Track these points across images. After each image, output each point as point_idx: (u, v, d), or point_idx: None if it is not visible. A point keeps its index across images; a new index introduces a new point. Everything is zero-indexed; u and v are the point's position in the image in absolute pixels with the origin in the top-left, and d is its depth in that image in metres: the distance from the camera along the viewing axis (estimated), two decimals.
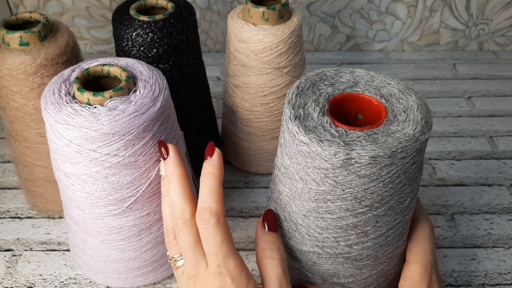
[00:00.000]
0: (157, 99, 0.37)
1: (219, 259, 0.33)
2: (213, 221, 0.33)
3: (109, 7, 0.79)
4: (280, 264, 0.34)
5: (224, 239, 0.33)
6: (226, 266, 0.32)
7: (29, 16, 0.46)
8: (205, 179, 0.35)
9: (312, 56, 0.83)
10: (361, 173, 0.30)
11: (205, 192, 0.34)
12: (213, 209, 0.33)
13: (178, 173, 0.36)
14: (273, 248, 0.34)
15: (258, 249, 0.35)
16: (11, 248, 0.51)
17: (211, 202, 0.33)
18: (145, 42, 0.46)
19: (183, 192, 0.35)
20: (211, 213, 0.33)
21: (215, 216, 0.33)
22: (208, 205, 0.33)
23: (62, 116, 0.35)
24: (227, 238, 0.33)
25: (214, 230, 0.33)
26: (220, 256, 0.33)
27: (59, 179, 0.40)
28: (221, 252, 0.33)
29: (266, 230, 0.35)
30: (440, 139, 0.65)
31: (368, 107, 0.35)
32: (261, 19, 0.49)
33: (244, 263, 0.34)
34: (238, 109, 0.55)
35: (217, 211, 0.33)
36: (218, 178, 0.35)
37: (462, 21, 0.81)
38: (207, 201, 0.33)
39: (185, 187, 0.36)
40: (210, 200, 0.33)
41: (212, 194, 0.34)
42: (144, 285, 0.47)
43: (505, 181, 0.59)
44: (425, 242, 0.38)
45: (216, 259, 0.33)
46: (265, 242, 0.35)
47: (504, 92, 0.74)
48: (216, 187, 0.34)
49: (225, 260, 0.33)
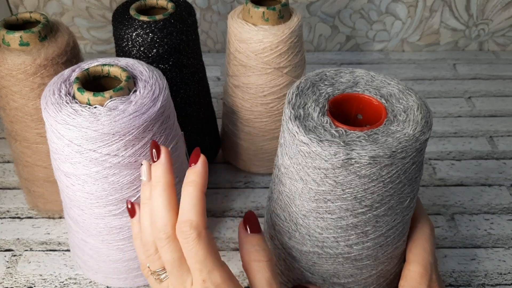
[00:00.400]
0: (157, 99, 0.37)
1: (204, 274, 0.31)
2: (194, 235, 0.30)
3: (109, 7, 0.79)
4: (268, 266, 0.33)
5: (207, 253, 0.31)
6: (212, 281, 0.31)
7: (29, 16, 0.46)
8: (187, 188, 0.32)
9: (312, 56, 0.83)
10: (361, 173, 0.30)
11: (186, 203, 0.31)
12: (194, 221, 0.31)
13: (165, 180, 0.33)
14: (258, 250, 0.33)
15: (243, 252, 0.33)
16: (11, 248, 0.51)
17: (191, 214, 0.31)
18: (145, 42, 0.46)
19: (168, 202, 0.32)
20: (191, 227, 0.30)
21: (196, 229, 0.31)
22: (189, 218, 0.31)
23: (62, 116, 0.35)
24: (211, 251, 0.31)
25: (196, 245, 0.30)
26: (205, 271, 0.31)
27: (59, 179, 0.40)
28: (205, 267, 0.31)
29: (249, 232, 0.34)
30: (440, 139, 0.65)
31: (368, 107, 0.35)
32: (261, 19, 0.49)
33: (231, 274, 0.32)
34: (238, 109, 0.55)
35: (197, 224, 0.31)
36: (200, 188, 0.32)
37: (462, 21, 0.81)
38: (188, 213, 0.31)
39: (171, 197, 0.33)
40: (190, 212, 0.31)
41: (193, 205, 0.31)
42: (144, 285, 0.47)
43: (505, 181, 0.59)
44: (425, 242, 0.38)
45: (200, 274, 0.31)
46: (250, 244, 0.33)
47: (504, 92, 0.74)
48: (198, 197, 0.31)
49: (210, 275, 0.31)
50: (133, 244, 0.42)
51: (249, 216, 0.35)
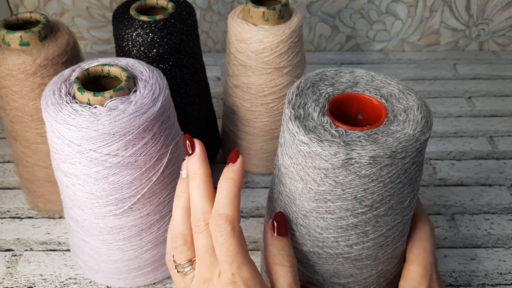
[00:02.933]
0: (157, 99, 0.37)
1: (234, 268, 0.31)
2: (228, 229, 0.31)
3: (109, 7, 0.79)
4: (291, 272, 0.33)
5: (239, 248, 0.31)
6: (240, 275, 0.31)
7: (29, 16, 0.46)
8: (224, 183, 0.33)
9: (312, 56, 0.83)
10: (361, 173, 0.30)
11: (222, 197, 0.32)
12: (229, 216, 0.31)
13: (202, 172, 0.34)
14: (283, 255, 0.33)
15: (268, 255, 0.33)
16: (11, 248, 0.51)
17: (228, 209, 0.31)
18: (145, 42, 0.46)
19: (207, 192, 0.33)
20: (227, 220, 0.31)
21: (230, 223, 0.31)
22: (224, 211, 0.31)
23: (62, 116, 0.35)
24: (242, 247, 0.31)
25: (229, 238, 0.31)
26: (235, 266, 0.31)
27: (59, 179, 0.40)
28: (235, 261, 0.31)
29: (276, 235, 0.34)
30: (440, 139, 0.65)
31: (368, 107, 0.35)
32: (261, 19, 0.49)
33: (258, 271, 0.32)
34: (238, 109, 0.55)
35: (233, 218, 0.31)
36: (237, 185, 0.33)
37: (462, 21, 0.81)
38: (224, 207, 0.32)
39: (209, 187, 0.34)
40: (226, 207, 0.32)
41: (230, 200, 0.32)
42: (144, 285, 0.47)
43: (505, 181, 0.59)
44: (425, 242, 0.38)
45: (230, 268, 0.31)
46: (275, 247, 0.33)
47: (504, 92, 0.74)
48: (235, 193, 0.32)
49: (239, 269, 0.31)
50: (133, 244, 0.42)
51: (279, 216, 0.35)
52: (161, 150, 0.39)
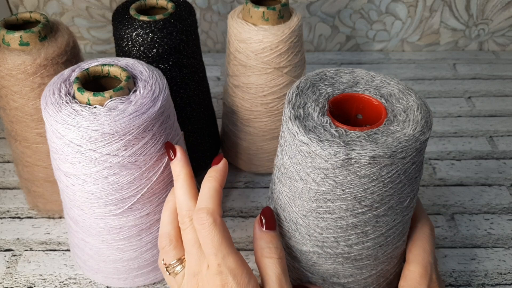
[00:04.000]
0: (157, 99, 0.37)
1: (219, 258, 0.32)
2: (210, 221, 0.33)
3: (109, 7, 0.79)
4: (279, 263, 0.34)
5: (222, 238, 0.33)
6: (226, 265, 0.32)
7: (29, 16, 0.46)
8: (206, 181, 0.35)
9: (312, 56, 0.83)
10: (361, 173, 0.30)
11: (204, 193, 0.35)
12: (210, 209, 0.33)
13: (184, 173, 0.37)
14: (271, 247, 0.34)
15: (256, 248, 0.35)
16: (11, 248, 0.51)
17: (209, 203, 0.34)
18: (145, 42, 0.46)
19: (189, 191, 0.36)
20: (208, 213, 0.33)
21: (211, 216, 0.33)
22: (205, 205, 0.34)
23: (62, 116, 0.35)
24: (225, 237, 0.33)
25: (212, 230, 0.33)
26: (220, 256, 0.32)
27: (59, 179, 0.40)
28: (220, 251, 0.32)
29: (264, 229, 0.35)
30: (440, 139, 0.65)
31: (368, 107, 0.35)
32: (261, 19, 0.49)
33: (244, 261, 0.34)
34: (238, 109, 0.55)
35: (213, 211, 0.33)
36: (219, 181, 0.35)
37: (462, 21, 0.81)
38: (205, 202, 0.34)
39: (191, 186, 0.36)
40: (207, 201, 0.34)
41: (211, 195, 0.34)
42: (144, 285, 0.47)
43: (505, 181, 0.59)
44: (425, 242, 0.38)
45: (216, 259, 0.33)
46: (263, 241, 0.35)
47: (504, 92, 0.74)
48: (216, 189, 0.35)
49: (224, 259, 0.32)
50: (133, 244, 0.42)
51: (266, 211, 0.36)
52: (161, 150, 0.39)
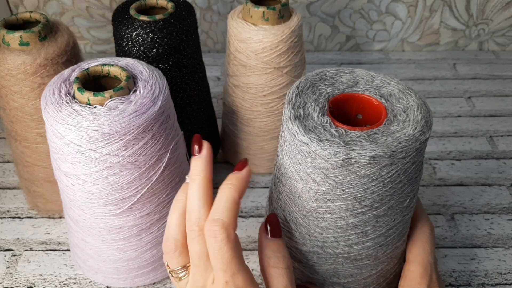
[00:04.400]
0: (157, 99, 0.37)
1: (228, 276, 0.30)
2: (224, 236, 0.30)
3: (109, 7, 0.79)
4: (286, 273, 0.32)
5: (233, 255, 0.30)
6: (235, 283, 0.30)
7: (29, 16, 0.46)
8: (225, 189, 0.31)
9: (312, 56, 0.83)
10: (361, 173, 0.30)
11: (221, 203, 0.31)
12: (225, 222, 0.30)
13: (203, 175, 0.32)
14: (278, 257, 0.32)
15: (262, 257, 0.33)
16: (11, 248, 0.51)
17: (225, 215, 0.30)
18: (145, 42, 0.46)
19: (204, 197, 0.32)
20: (222, 227, 0.30)
21: (226, 230, 0.30)
22: (221, 217, 0.30)
23: (62, 116, 0.35)
24: (237, 254, 0.31)
25: (224, 246, 0.30)
26: (229, 273, 0.30)
27: (59, 179, 0.40)
28: (229, 269, 0.30)
29: (270, 237, 0.33)
30: (440, 139, 0.65)
31: (368, 107, 0.35)
32: (261, 19, 0.49)
33: (253, 278, 0.32)
34: (238, 109, 0.55)
35: (228, 225, 0.30)
36: (239, 192, 0.31)
37: (462, 21, 0.81)
38: (221, 213, 0.30)
39: (208, 192, 0.32)
40: (224, 213, 0.30)
41: (228, 206, 0.31)
42: (144, 285, 0.47)
43: (505, 181, 0.59)
44: (425, 242, 0.38)
45: (224, 275, 0.30)
46: (270, 249, 0.33)
47: (504, 92, 0.74)
48: (234, 200, 0.31)
49: (233, 277, 0.30)
50: (133, 244, 0.42)
51: (271, 218, 0.34)
52: (161, 150, 0.39)
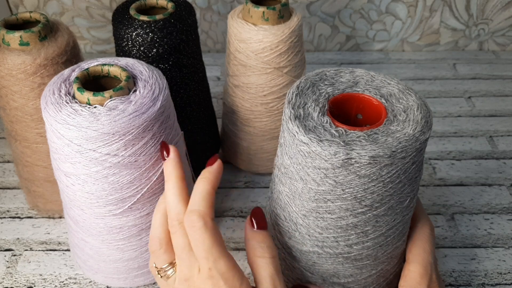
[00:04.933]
0: (157, 99, 0.37)
1: (210, 262, 0.32)
2: (201, 224, 0.32)
3: (109, 7, 0.79)
4: (272, 262, 0.34)
5: (213, 242, 0.32)
6: (217, 269, 0.32)
7: (29, 16, 0.46)
8: (199, 183, 0.34)
9: (312, 56, 0.83)
10: (361, 173, 0.30)
11: (196, 195, 0.34)
12: (201, 211, 0.32)
13: (176, 174, 0.35)
14: (263, 247, 0.34)
15: (248, 249, 0.34)
16: (11, 248, 0.51)
17: (201, 205, 0.33)
18: (145, 42, 0.46)
19: (180, 193, 0.35)
20: (199, 216, 0.32)
21: (202, 218, 0.32)
22: (197, 208, 0.33)
23: (62, 116, 0.35)
24: (217, 241, 0.32)
25: (203, 233, 0.32)
26: (211, 259, 0.32)
27: (59, 179, 0.40)
28: (211, 255, 0.32)
29: (255, 229, 0.35)
30: (440, 139, 0.65)
31: (368, 107, 0.35)
32: (261, 19, 0.49)
33: (236, 263, 0.33)
34: (238, 109, 0.55)
35: (205, 214, 0.32)
36: (212, 183, 0.34)
37: (462, 21, 0.81)
38: (196, 204, 0.33)
39: (182, 189, 0.35)
40: (199, 203, 0.33)
41: (203, 197, 0.33)
42: (144, 285, 0.47)
43: (505, 181, 0.59)
44: (425, 242, 0.38)
45: (207, 262, 0.32)
46: (255, 240, 0.34)
47: (504, 92, 0.74)
48: (208, 191, 0.34)
49: (215, 263, 0.32)
50: (133, 243, 0.42)
51: (256, 211, 0.36)
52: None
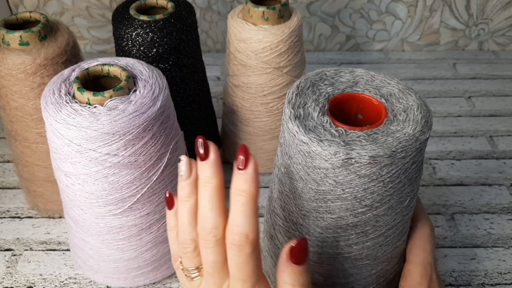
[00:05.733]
0: (157, 99, 0.37)
1: (246, 285, 0.30)
2: (249, 250, 0.29)
3: (109, 7, 0.79)
4: None
5: (255, 267, 0.30)
6: None
7: (29, 16, 0.46)
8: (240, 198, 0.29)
9: (312, 56, 0.83)
10: (361, 172, 0.30)
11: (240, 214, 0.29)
12: (250, 236, 0.29)
13: (216, 181, 0.30)
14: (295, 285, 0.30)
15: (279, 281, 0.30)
16: (11, 248, 0.51)
17: (248, 228, 0.29)
18: (145, 42, 0.46)
19: (219, 205, 0.30)
20: (247, 242, 0.29)
21: (252, 244, 0.29)
22: (245, 232, 0.29)
23: (62, 116, 0.35)
24: (258, 265, 0.30)
25: (248, 259, 0.29)
26: (249, 283, 0.30)
27: (59, 179, 0.40)
28: (250, 279, 0.30)
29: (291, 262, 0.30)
30: (440, 139, 0.65)
31: (368, 107, 0.35)
32: (261, 19, 0.49)
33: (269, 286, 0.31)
34: (238, 109, 0.55)
35: (254, 239, 0.29)
36: (254, 198, 0.29)
37: (462, 21, 0.81)
38: (243, 227, 0.29)
39: (221, 200, 0.30)
40: (246, 226, 0.29)
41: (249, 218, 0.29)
42: (144, 285, 0.47)
43: (505, 181, 0.59)
44: (425, 242, 0.38)
45: (243, 285, 0.30)
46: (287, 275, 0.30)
47: (504, 92, 0.74)
48: (253, 209, 0.29)
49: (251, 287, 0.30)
50: (133, 243, 0.42)
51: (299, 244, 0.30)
52: (161, 150, 0.39)
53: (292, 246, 0.29)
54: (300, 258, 0.29)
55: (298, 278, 0.29)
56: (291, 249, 0.29)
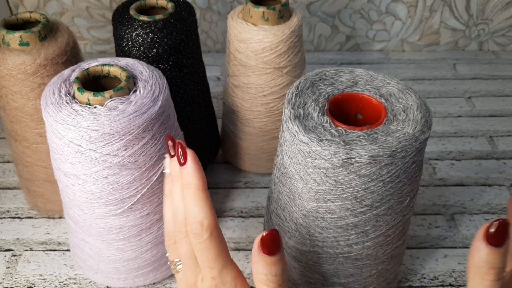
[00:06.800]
0: (157, 99, 0.37)
1: (214, 272, 0.32)
2: (206, 235, 0.31)
3: (109, 7, 0.79)
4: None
5: (218, 252, 0.31)
6: (221, 279, 0.32)
7: (29, 16, 0.46)
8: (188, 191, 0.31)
9: (312, 56, 0.83)
10: (361, 172, 0.30)
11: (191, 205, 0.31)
12: (205, 222, 0.31)
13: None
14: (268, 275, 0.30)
15: (254, 272, 0.31)
16: (11, 248, 0.51)
17: (202, 216, 0.31)
18: (145, 42, 0.46)
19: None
20: (203, 228, 0.31)
21: (208, 230, 0.31)
22: (199, 219, 0.31)
23: (62, 116, 0.35)
24: (222, 250, 0.32)
25: (208, 245, 0.31)
26: (215, 269, 0.31)
27: (59, 179, 0.40)
28: (215, 265, 0.31)
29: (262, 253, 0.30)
30: (440, 139, 0.65)
31: (368, 107, 0.35)
32: (261, 19, 0.49)
33: (240, 272, 0.32)
34: (238, 109, 0.55)
35: (209, 224, 0.31)
36: (200, 188, 0.31)
37: (462, 21, 0.81)
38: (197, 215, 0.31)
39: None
40: (199, 214, 0.31)
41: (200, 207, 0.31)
42: (144, 285, 0.47)
43: (505, 181, 0.59)
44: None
45: (211, 271, 0.32)
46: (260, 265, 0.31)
47: (504, 92, 0.74)
48: (201, 197, 0.31)
49: (220, 273, 0.32)
50: (133, 244, 0.42)
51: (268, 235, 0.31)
52: (161, 150, 0.39)
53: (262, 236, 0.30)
54: (272, 249, 0.30)
55: (270, 268, 0.30)
56: (262, 239, 0.30)
